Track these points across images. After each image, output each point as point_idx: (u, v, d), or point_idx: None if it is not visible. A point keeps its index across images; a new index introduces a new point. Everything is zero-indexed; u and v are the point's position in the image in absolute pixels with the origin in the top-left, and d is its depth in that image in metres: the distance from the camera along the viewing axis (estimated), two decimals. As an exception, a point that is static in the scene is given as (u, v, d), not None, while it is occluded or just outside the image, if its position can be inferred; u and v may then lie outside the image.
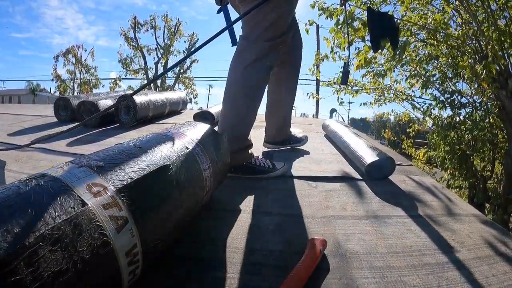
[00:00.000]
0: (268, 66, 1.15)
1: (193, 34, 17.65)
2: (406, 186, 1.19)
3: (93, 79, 18.35)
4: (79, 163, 0.51)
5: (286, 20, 1.15)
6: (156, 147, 0.65)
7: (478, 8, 2.99)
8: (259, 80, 1.16)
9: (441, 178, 4.41)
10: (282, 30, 1.15)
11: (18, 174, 1.19)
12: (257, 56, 1.11)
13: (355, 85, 4.60)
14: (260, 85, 1.17)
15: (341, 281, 0.62)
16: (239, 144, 1.15)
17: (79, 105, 2.30)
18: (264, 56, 1.12)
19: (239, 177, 1.18)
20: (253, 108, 1.18)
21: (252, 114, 1.19)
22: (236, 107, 1.15)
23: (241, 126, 1.17)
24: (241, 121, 1.17)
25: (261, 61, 1.12)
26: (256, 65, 1.12)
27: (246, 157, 1.19)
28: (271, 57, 1.14)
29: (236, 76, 1.14)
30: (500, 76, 2.93)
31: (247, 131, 1.20)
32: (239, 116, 1.16)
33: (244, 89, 1.13)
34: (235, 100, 1.15)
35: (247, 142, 1.20)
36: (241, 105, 1.15)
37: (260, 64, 1.12)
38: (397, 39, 1.67)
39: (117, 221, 0.45)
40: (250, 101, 1.16)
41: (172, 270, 0.63)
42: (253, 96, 1.16)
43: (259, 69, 1.13)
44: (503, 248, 0.77)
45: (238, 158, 1.15)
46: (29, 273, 0.33)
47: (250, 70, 1.12)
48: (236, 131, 1.14)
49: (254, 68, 1.12)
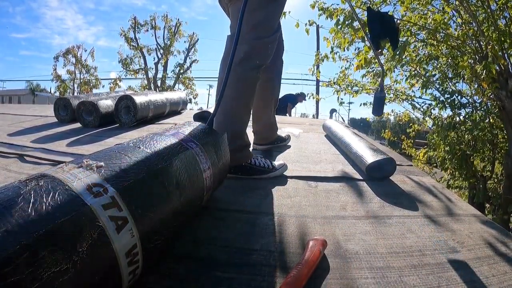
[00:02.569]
0: (258, 65, 1.13)
1: (193, 34, 17.65)
2: (406, 186, 1.19)
3: (93, 79, 18.34)
4: (79, 163, 0.51)
5: (274, 19, 1.15)
6: (156, 147, 0.65)
7: (478, 8, 2.99)
8: (249, 78, 1.14)
9: (441, 178, 4.41)
10: (272, 29, 1.14)
11: (18, 174, 1.19)
12: (246, 55, 1.10)
13: (355, 85, 4.59)
14: (250, 82, 1.16)
15: (341, 281, 0.62)
16: (235, 143, 1.14)
17: (79, 105, 2.30)
18: (253, 54, 1.11)
19: (239, 177, 1.18)
20: (244, 106, 1.17)
21: (244, 112, 1.18)
22: (227, 106, 1.14)
23: (234, 125, 1.16)
24: (233, 119, 1.16)
25: (250, 59, 1.11)
26: (244, 63, 1.11)
27: (244, 157, 1.18)
28: (260, 56, 1.13)
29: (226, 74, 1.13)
30: (500, 76, 2.93)
31: (241, 129, 1.18)
32: (231, 115, 1.15)
33: (234, 87, 1.12)
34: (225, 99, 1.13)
35: (243, 141, 1.18)
36: (232, 103, 1.14)
37: (249, 62, 1.12)
38: (397, 39, 1.67)
39: (117, 221, 0.45)
40: (240, 99, 1.15)
41: (172, 270, 0.63)
42: (243, 94, 1.15)
43: (248, 67, 1.12)
44: (503, 248, 0.77)
45: (236, 158, 1.13)
46: (29, 273, 0.33)
47: (239, 69, 1.11)
48: (229, 130, 1.12)
49: (243, 66, 1.11)
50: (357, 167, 1.37)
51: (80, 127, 2.26)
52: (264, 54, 1.15)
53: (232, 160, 1.06)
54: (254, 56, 1.12)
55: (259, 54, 1.13)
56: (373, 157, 1.27)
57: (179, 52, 17.41)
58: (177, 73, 17.36)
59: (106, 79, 21.91)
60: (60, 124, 2.40)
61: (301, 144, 1.83)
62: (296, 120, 3.24)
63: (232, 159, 1.05)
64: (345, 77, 4.45)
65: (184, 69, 17.52)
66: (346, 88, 4.59)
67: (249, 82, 1.15)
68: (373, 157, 1.27)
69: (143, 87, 16.75)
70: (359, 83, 4.64)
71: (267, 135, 1.61)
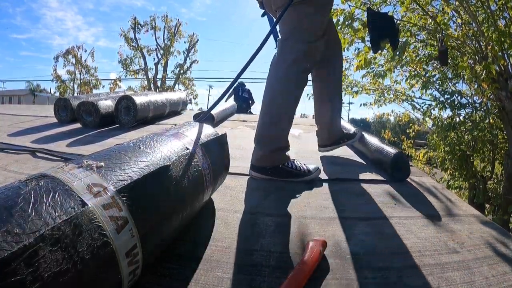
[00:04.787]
0: (306, 68, 1.17)
1: (193, 35, 17.67)
2: (406, 187, 1.19)
3: (93, 80, 18.34)
4: (79, 164, 0.51)
5: (320, 26, 1.19)
6: (156, 148, 0.65)
7: (478, 9, 2.99)
8: (297, 80, 1.18)
9: (441, 178, 4.41)
10: (317, 35, 1.18)
11: (18, 174, 1.19)
12: (296, 56, 1.14)
13: (355, 85, 4.60)
14: (298, 85, 1.19)
15: (341, 281, 0.62)
16: (274, 145, 1.16)
17: (79, 106, 2.30)
18: (302, 57, 1.15)
19: (239, 178, 1.18)
20: (289, 109, 1.19)
21: (288, 115, 1.20)
22: (272, 107, 1.17)
23: (277, 126, 1.19)
24: (276, 120, 1.18)
25: (299, 62, 1.14)
26: (294, 65, 1.14)
27: (280, 159, 1.18)
28: (308, 59, 1.17)
29: (277, 75, 1.17)
30: (500, 77, 2.93)
31: (283, 132, 1.20)
32: (276, 115, 1.18)
33: (281, 88, 1.16)
34: (272, 100, 1.17)
35: (282, 143, 1.20)
36: (277, 105, 1.17)
37: (298, 65, 1.15)
38: (397, 39, 1.67)
39: (117, 221, 0.45)
40: (286, 101, 1.18)
41: (172, 270, 0.63)
42: (290, 96, 1.18)
43: (296, 70, 1.16)
44: (503, 249, 0.77)
45: (273, 159, 1.15)
46: (29, 274, 0.33)
47: (289, 70, 1.14)
48: (272, 130, 1.16)
49: (292, 68, 1.14)
50: (357, 167, 1.37)
51: (80, 127, 2.26)
52: (312, 59, 1.19)
53: (267, 161, 1.13)
54: (303, 59, 1.15)
55: (307, 57, 1.16)
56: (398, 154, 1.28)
57: (179, 52, 17.44)
58: (177, 74, 17.38)
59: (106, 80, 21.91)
60: (60, 124, 2.40)
61: (301, 145, 1.83)
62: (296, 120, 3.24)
63: (268, 160, 1.11)
64: (345, 78, 4.45)
65: (184, 69, 17.53)
66: (346, 88, 4.59)
67: (297, 83, 1.19)
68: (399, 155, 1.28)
69: (143, 87, 16.77)
70: (359, 84, 4.64)
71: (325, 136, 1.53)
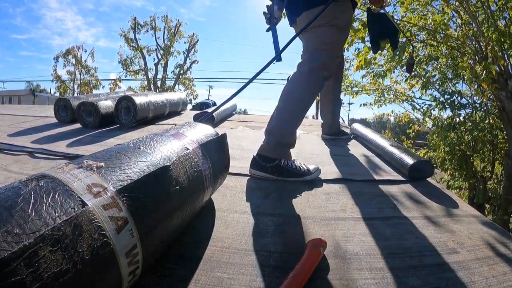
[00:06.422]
0: (325, 76, 1.31)
1: (193, 35, 17.68)
2: (406, 187, 1.19)
3: (93, 80, 18.35)
4: (79, 164, 0.51)
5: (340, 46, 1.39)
6: (156, 148, 0.65)
7: (478, 9, 2.99)
8: (318, 84, 1.33)
9: (441, 179, 4.41)
10: (336, 51, 1.34)
11: (18, 174, 1.19)
12: (320, 65, 1.28)
13: (355, 86, 4.60)
14: (317, 88, 1.37)
15: (341, 282, 0.62)
16: (284, 138, 1.25)
17: (79, 106, 2.30)
18: (325, 66, 1.29)
19: (239, 178, 1.18)
20: (305, 109, 1.32)
21: (302, 114, 1.32)
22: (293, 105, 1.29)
23: (290, 123, 1.29)
24: (291, 117, 1.30)
25: (321, 69, 1.28)
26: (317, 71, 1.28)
27: (283, 153, 1.24)
28: (329, 69, 1.32)
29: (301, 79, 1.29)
30: (500, 77, 2.93)
31: (293, 128, 1.30)
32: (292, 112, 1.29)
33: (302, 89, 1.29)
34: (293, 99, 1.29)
35: (289, 139, 1.28)
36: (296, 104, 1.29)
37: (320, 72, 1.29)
38: (397, 39, 1.67)
39: (117, 221, 0.45)
40: (304, 102, 1.30)
41: (172, 270, 0.63)
42: (309, 97, 1.32)
43: (318, 75, 1.29)
44: (503, 249, 0.77)
45: (277, 151, 1.22)
46: (29, 274, 0.33)
47: (313, 75, 1.27)
48: (285, 124, 1.27)
49: (315, 74, 1.28)
50: (357, 168, 1.37)
51: (80, 127, 2.26)
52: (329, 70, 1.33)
53: (271, 152, 1.22)
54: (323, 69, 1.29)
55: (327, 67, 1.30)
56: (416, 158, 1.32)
57: (179, 52, 17.45)
58: (177, 74, 17.38)
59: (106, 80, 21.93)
60: (60, 124, 2.40)
61: (302, 145, 1.83)
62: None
63: (272, 150, 1.21)
64: (345, 78, 4.45)
65: (184, 69, 17.53)
66: (346, 88, 4.59)
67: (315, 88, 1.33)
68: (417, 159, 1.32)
69: (143, 87, 16.77)
70: (358, 84, 4.64)
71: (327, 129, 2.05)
